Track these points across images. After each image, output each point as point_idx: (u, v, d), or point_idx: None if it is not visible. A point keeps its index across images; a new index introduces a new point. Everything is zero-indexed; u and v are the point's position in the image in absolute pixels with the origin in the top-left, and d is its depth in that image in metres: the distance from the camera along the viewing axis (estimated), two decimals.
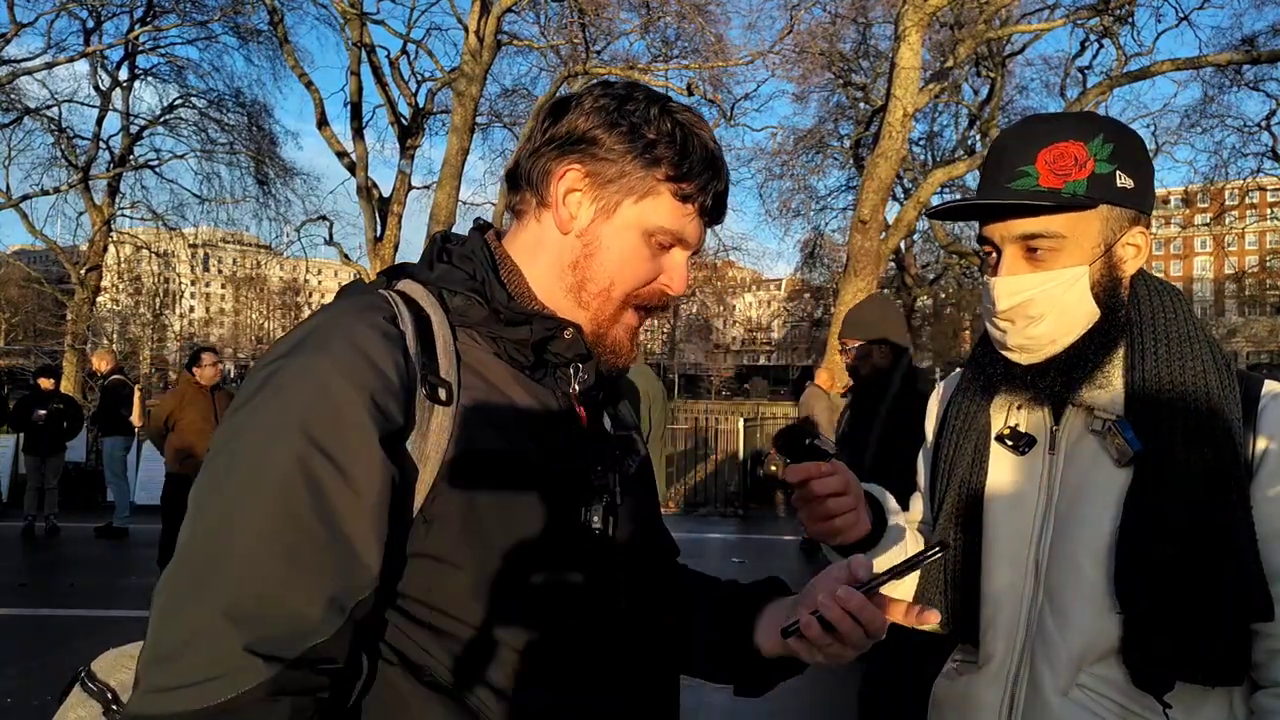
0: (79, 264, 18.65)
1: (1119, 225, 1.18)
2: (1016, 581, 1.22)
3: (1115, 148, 1.16)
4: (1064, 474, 1.21)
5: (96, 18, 17.54)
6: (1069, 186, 1.15)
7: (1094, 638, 1.14)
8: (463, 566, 0.84)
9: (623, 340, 0.99)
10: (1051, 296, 1.17)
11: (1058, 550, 1.19)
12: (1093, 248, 1.17)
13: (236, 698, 0.71)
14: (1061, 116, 1.22)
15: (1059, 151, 1.16)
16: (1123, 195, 1.16)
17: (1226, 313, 54.59)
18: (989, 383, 1.28)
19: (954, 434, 1.31)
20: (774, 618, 1.02)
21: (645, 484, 1.07)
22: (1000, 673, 1.22)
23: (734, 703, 4.56)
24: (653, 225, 0.95)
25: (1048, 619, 1.18)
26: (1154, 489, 1.12)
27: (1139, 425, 1.15)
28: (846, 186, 24.97)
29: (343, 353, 0.81)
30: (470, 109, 15.00)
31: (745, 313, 70.97)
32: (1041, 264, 1.18)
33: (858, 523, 1.19)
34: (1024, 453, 1.25)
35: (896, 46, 10.73)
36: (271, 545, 0.75)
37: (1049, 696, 1.16)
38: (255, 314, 68.37)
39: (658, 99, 0.96)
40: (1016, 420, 1.28)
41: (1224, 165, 20.40)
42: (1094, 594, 1.15)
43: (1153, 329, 1.20)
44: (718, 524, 10.22)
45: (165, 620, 0.75)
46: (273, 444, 0.78)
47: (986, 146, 19.30)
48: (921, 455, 1.47)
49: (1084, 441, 1.20)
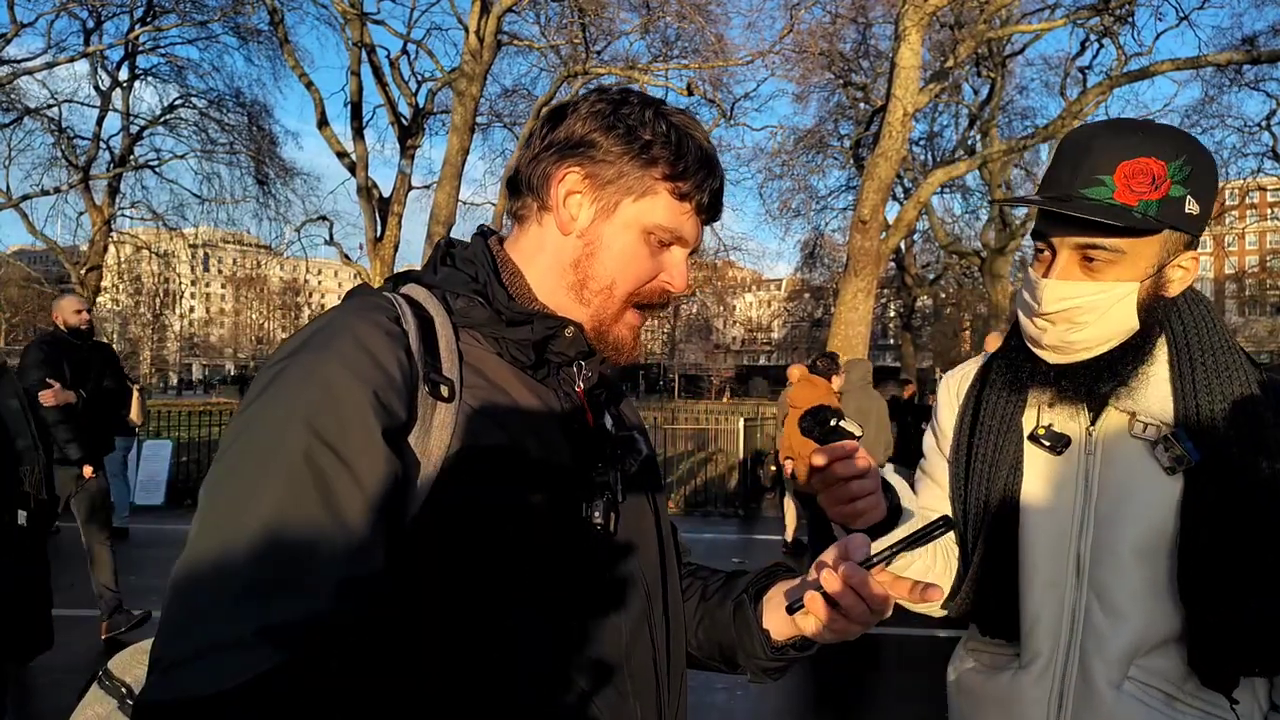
0: (79, 264, 18.65)
1: (1175, 249, 1.20)
2: (1059, 579, 1.24)
3: (1192, 172, 1.16)
4: (1103, 475, 1.23)
5: (96, 18, 17.56)
6: (1141, 205, 1.15)
7: (1146, 632, 1.19)
8: (462, 559, 0.85)
9: (625, 337, 1.01)
10: (1099, 307, 1.19)
11: (1102, 548, 1.22)
12: (1147, 267, 1.19)
13: (246, 683, 0.71)
14: (1149, 127, 1.21)
15: (1140, 167, 1.15)
16: (1187, 221, 1.17)
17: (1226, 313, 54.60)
18: (1018, 380, 1.30)
19: (990, 433, 1.33)
20: (781, 598, 1.04)
21: (650, 483, 1.08)
22: (1048, 670, 1.25)
23: (734, 702, 4.57)
24: (652, 223, 0.97)
25: (1097, 615, 1.21)
26: (1214, 497, 1.15)
27: (1193, 434, 1.18)
28: (846, 186, 25.01)
29: (347, 350, 0.83)
30: (470, 109, 15.00)
31: (745, 313, 71.03)
32: (1095, 274, 1.19)
33: (878, 505, 1.19)
34: (1060, 452, 1.27)
35: (896, 46, 10.73)
36: (278, 535, 0.77)
37: (1102, 689, 1.20)
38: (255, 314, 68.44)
39: (652, 102, 0.99)
40: (1049, 420, 1.29)
41: (1224, 165, 20.40)
42: (1143, 591, 1.19)
43: (1198, 341, 1.23)
44: (718, 524, 10.23)
45: (176, 609, 0.76)
46: (279, 438, 0.79)
47: (988, 146, 19.38)
48: (935, 447, 1.47)
49: (1124, 445, 1.23)
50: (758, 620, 1.06)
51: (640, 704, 0.96)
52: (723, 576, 1.16)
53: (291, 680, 0.73)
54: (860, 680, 4.82)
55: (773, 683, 1.11)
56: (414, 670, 0.84)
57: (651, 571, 1.02)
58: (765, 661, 1.06)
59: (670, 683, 1.01)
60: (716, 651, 1.11)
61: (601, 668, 0.93)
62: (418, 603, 0.84)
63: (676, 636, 1.05)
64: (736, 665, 1.10)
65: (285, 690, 0.73)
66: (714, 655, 1.12)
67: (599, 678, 0.92)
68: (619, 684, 0.94)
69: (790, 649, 1.05)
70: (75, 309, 5.44)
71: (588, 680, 0.91)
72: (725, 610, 1.09)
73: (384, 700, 0.82)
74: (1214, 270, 57.20)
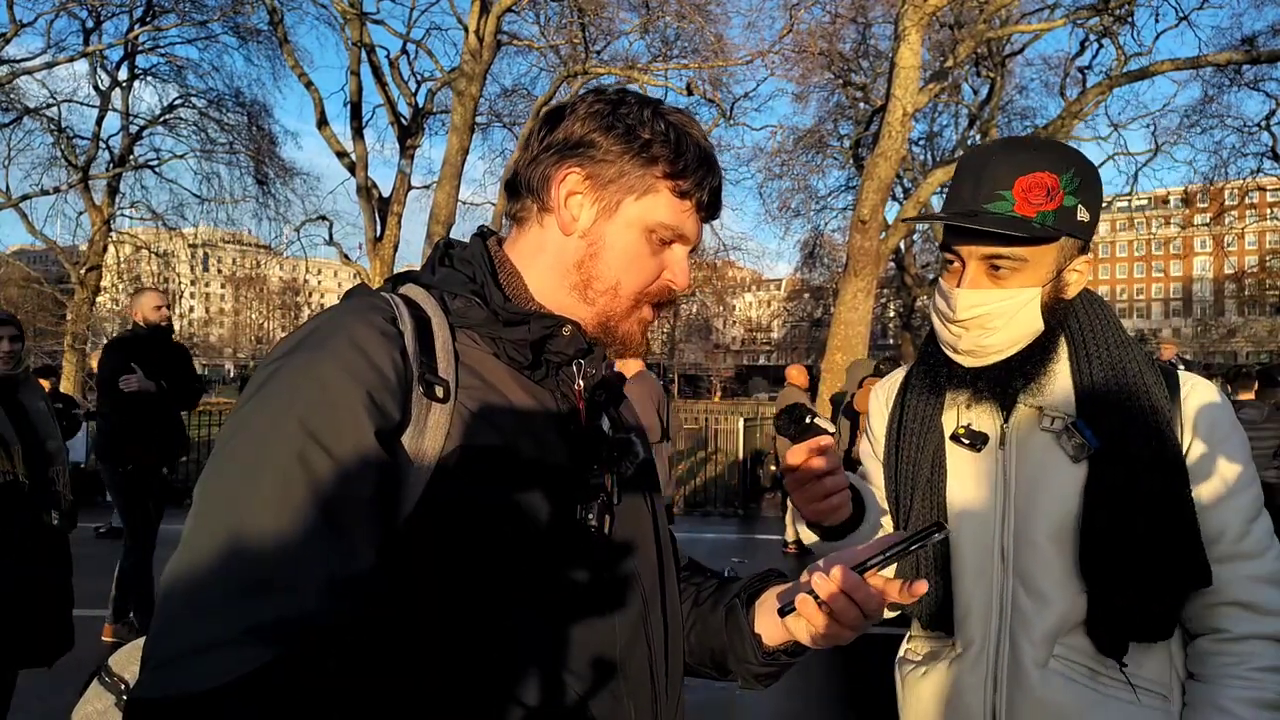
0: (79, 264, 18.65)
1: (1070, 254, 1.31)
2: (986, 570, 1.34)
3: (1081, 182, 1.27)
4: (1018, 468, 1.33)
5: (96, 18, 17.55)
6: (1040, 216, 1.25)
7: (1066, 612, 1.28)
8: (457, 560, 0.85)
9: (634, 333, 1.02)
10: (1007, 312, 1.30)
11: (1023, 538, 1.31)
12: (1047, 272, 1.30)
13: (237, 680, 0.71)
14: (1041, 144, 1.32)
15: (1035, 181, 1.25)
16: (1080, 228, 1.28)
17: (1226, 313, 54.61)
18: (936, 383, 1.41)
19: (911, 435, 1.43)
20: (773, 604, 1.04)
21: (647, 486, 1.08)
22: (981, 655, 1.33)
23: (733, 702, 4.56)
24: (654, 221, 0.98)
25: (1023, 600, 1.30)
26: (1112, 481, 1.26)
27: (1092, 423, 1.29)
28: (846, 186, 24.98)
29: (341, 350, 0.84)
30: (470, 109, 15.00)
31: (745, 312, 71.05)
32: (1001, 281, 1.29)
33: (847, 502, 1.22)
34: (979, 449, 1.37)
35: (896, 46, 10.73)
36: (270, 534, 0.77)
37: (1030, 670, 1.29)
38: (255, 314, 68.44)
39: (649, 102, 1.00)
40: (968, 419, 1.39)
41: (1224, 165, 20.40)
42: (1062, 575, 1.28)
43: (1094, 336, 1.34)
44: (718, 524, 10.23)
45: (168, 605, 0.76)
46: (272, 437, 0.80)
47: None
48: (871, 453, 1.56)
49: (1034, 438, 1.33)
50: (750, 625, 1.05)
51: (635, 705, 0.96)
52: (715, 582, 1.16)
53: (284, 678, 0.73)
54: (860, 680, 4.82)
55: (764, 690, 1.10)
56: (410, 670, 0.84)
57: (649, 574, 1.02)
58: (756, 667, 1.06)
59: (667, 685, 1.01)
60: (708, 657, 1.11)
61: (596, 669, 0.93)
62: (413, 603, 0.84)
63: (674, 639, 1.05)
64: (727, 671, 1.10)
65: (277, 688, 0.73)
66: (705, 661, 1.12)
67: (593, 679, 0.92)
68: (614, 686, 0.93)
69: (782, 654, 1.04)
70: (155, 304, 5.20)
71: (582, 681, 0.91)
72: (717, 615, 1.09)
73: (381, 700, 0.82)
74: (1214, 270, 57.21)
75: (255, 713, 0.72)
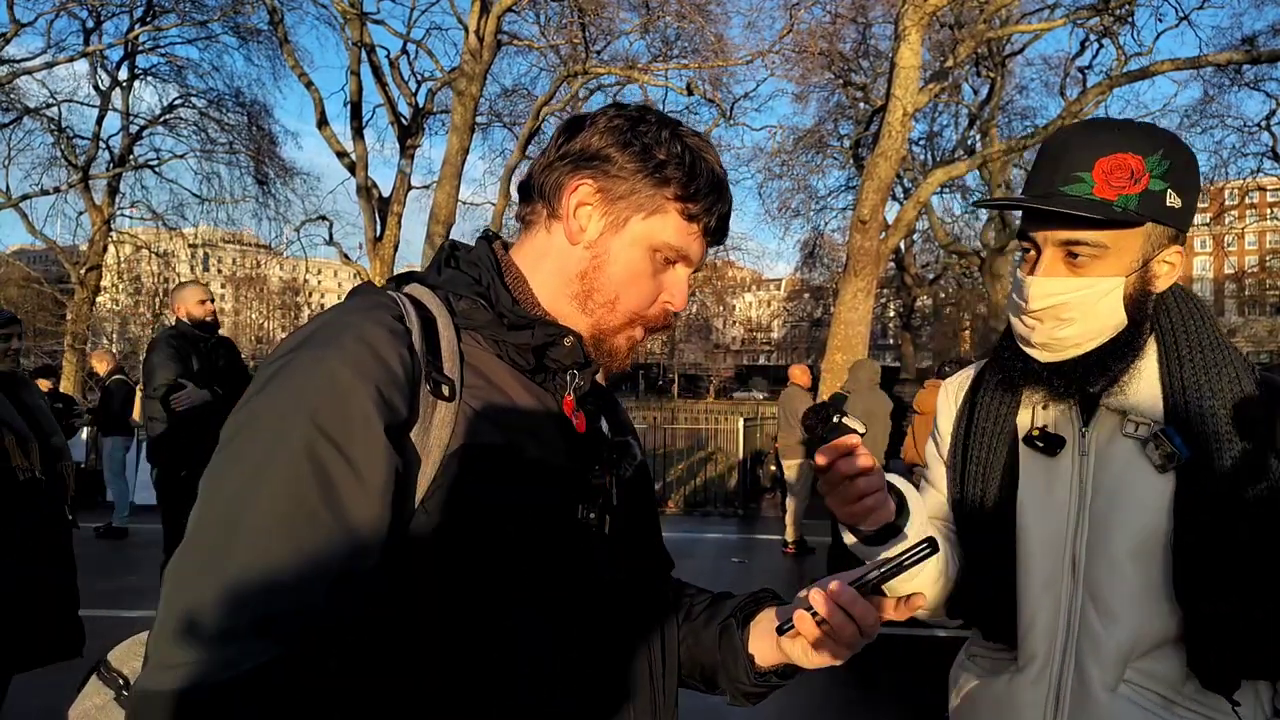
0: (79, 264, 18.65)
1: (1159, 243, 1.20)
2: (1055, 582, 1.24)
3: (1171, 165, 1.17)
4: (1096, 476, 1.23)
5: (96, 18, 17.56)
6: (1121, 200, 1.16)
7: (1141, 634, 1.18)
8: (460, 558, 0.85)
9: (622, 348, 1.02)
10: (1085, 303, 1.19)
11: (1097, 550, 1.21)
12: (1131, 261, 1.19)
13: (241, 675, 0.72)
14: (1126, 125, 1.22)
15: (1117, 162, 1.16)
16: (1169, 214, 1.18)
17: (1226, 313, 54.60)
18: (1010, 380, 1.30)
19: (983, 435, 1.33)
20: (768, 624, 1.04)
21: (643, 490, 1.09)
22: (1044, 672, 1.24)
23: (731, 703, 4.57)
24: (659, 241, 0.98)
25: (1092, 618, 1.21)
26: (1208, 495, 1.14)
27: (1183, 432, 1.17)
28: (846, 186, 25.00)
29: (350, 346, 0.83)
30: (470, 108, 15.01)
31: (745, 312, 71.01)
32: (1080, 270, 1.19)
33: (886, 504, 1.16)
34: (1055, 454, 1.26)
35: (896, 46, 10.73)
36: (279, 529, 0.77)
37: (1097, 693, 1.19)
38: (255, 314, 68.36)
39: (669, 123, 1.00)
40: (1044, 421, 1.29)
41: (1224, 165, 20.43)
42: (1140, 592, 1.18)
43: (1186, 337, 1.22)
44: (718, 524, 10.23)
45: (173, 599, 0.76)
46: (281, 431, 0.79)
47: (988, 146, 19.38)
48: (936, 454, 1.47)
49: (1116, 444, 1.23)
50: (744, 645, 1.06)
51: (633, 706, 0.96)
52: (708, 597, 1.15)
53: (287, 674, 0.73)
54: (860, 681, 4.82)
55: (752, 707, 1.10)
56: (410, 670, 0.84)
57: (647, 575, 1.03)
58: (747, 686, 1.06)
59: (665, 685, 1.02)
60: (697, 671, 1.11)
61: (596, 669, 0.93)
62: (414, 601, 0.84)
63: (670, 640, 1.06)
64: (716, 686, 1.10)
65: (281, 683, 0.73)
66: (694, 674, 1.12)
67: (594, 679, 0.93)
68: (614, 686, 0.94)
69: (773, 675, 1.05)
70: (199, 299, 4.86)
71: (582, 681, 0.91)
72: (710, 632, 1.09)
73: (381, 700, 0.82)
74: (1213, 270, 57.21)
75: (257, 710, 0.72)
